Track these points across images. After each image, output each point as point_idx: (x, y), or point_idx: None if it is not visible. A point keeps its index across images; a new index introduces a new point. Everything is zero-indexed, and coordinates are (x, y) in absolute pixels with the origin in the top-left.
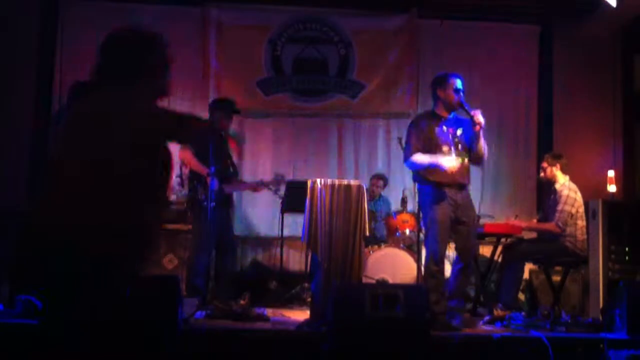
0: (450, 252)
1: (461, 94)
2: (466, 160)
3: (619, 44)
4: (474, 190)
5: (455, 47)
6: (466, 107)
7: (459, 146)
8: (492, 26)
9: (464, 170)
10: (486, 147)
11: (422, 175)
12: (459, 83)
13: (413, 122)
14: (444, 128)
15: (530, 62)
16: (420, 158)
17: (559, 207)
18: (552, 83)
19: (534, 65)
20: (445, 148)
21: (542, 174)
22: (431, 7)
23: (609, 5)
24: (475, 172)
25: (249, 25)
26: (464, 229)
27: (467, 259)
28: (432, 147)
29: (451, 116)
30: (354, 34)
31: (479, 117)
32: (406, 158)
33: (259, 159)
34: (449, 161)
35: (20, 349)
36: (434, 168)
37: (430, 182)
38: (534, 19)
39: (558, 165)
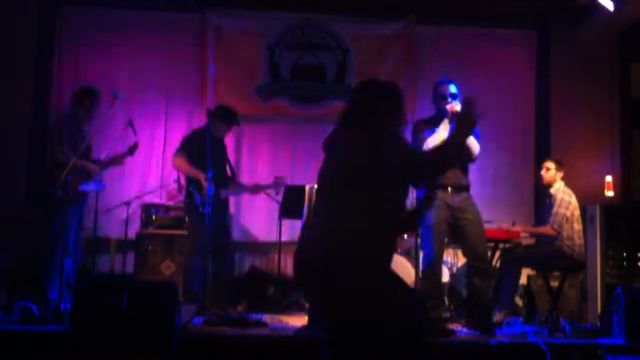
0: (449, 257)
1: (449, 99)
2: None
3: (616, 50)
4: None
5: (452, 53)
6: (447, 116)
7: None
8: (489, 32)
9: (458, 172)
10: (475, 141)
11: None
12: (445, 89)
13: (413, 126)
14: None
15: (528, 68)
16: (430, 140)
17: (554, 210)
18: (550, 89)
19: (531, 70)
20: None
21: (544, 172)
22: (429, 13)
23: (606, 11)
24: (473, 177)
25: (247, 31)
26: (464, 231)
27: (474, 262)
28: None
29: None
30: (352, 40)
31: (454, 107)
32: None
33: (257, 164)
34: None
35: (19, 355)
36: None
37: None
38: (531, 25)
39: (562, 173)
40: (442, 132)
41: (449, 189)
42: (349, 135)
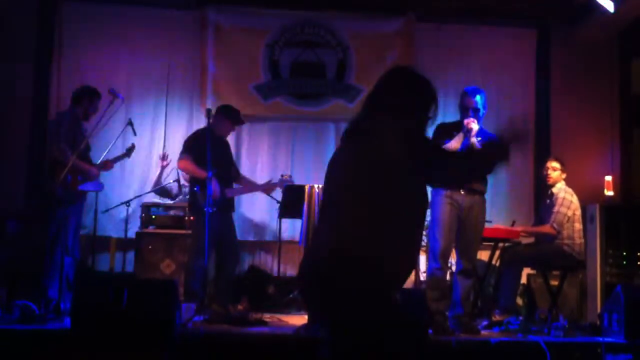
0: (453, 258)
1: (470, 113)
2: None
3: (616, 48)
4: None
5: (452, 51)
6: (463, 130)
7: None
8: (490, 30)
9: None
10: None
11: None
12: (469, 101)
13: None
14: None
15: (528, 66)
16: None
17: (555, 209)
18: (549, 87)
19: (531, 69)
20: None
21: (550, 172)
22: (429, 11)
23: (606, 10)
24: None
25: (247, 29)
26: (462, 229)
27: (464, 264)
28: None
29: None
30: (352, 38)
31: (470, 123)
32: None
33: (257, 163)
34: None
35: (19, 354)
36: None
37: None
38: (531, 23)
39: (565, 174)
40: (454, 144)
41: (462, 190)
42: (360, 129)
